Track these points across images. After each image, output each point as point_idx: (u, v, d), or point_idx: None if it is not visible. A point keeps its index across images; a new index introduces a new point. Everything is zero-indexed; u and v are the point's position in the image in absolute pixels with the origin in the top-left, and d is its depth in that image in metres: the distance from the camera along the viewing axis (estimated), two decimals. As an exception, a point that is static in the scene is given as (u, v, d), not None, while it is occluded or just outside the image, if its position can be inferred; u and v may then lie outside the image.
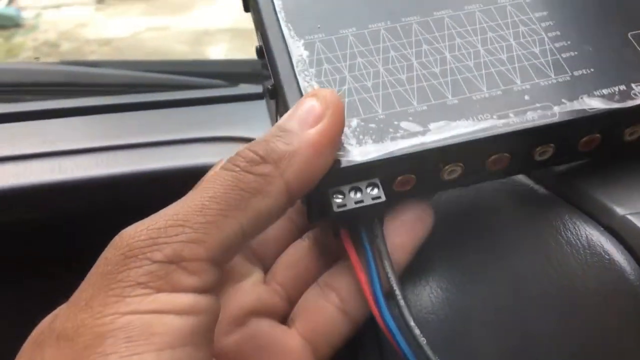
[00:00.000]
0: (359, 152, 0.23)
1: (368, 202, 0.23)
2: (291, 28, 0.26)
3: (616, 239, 0.24)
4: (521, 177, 0.28)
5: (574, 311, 0.24)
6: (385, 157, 0.23)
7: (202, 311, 0.19)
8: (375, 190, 0.23)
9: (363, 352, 0.26)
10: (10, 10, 2.05)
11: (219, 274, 0.20)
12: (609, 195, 0.25)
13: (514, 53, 0.26)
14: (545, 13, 0.27)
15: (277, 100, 0.26)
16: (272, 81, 0.25)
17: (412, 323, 0.23)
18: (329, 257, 0.26)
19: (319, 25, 0.26)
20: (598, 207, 0.25)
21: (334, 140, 0.22)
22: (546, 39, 0.26)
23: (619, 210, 0.24)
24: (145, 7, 2.39)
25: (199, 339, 0.19)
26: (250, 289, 0.26)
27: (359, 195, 0.23)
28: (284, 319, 0.26)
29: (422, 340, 0.23)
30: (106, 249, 0.20)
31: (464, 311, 0.26)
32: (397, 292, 0.24)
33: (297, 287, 0.26)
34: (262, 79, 0.30)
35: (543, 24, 0.26)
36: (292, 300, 0.26)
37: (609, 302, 0.23)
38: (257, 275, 0.26)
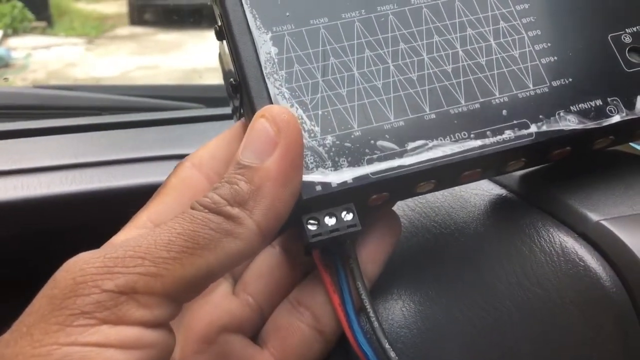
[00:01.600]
0: (335, 177, 0.22)
1: (343, 230, 0.22)
2: (257, 16, 0.24)
3: (591, 245, 0.23)
4: (492, 185, 0.27)
5: (549, 321, 0.23)
6: (362, 183, 0.22)
7: (149, 346, 0.18)
8: (351, 216, 0.22)
9: None
10: (0, 51, 2.07)
11: (174, 310, 0.19)
12: (582, 202, 0.24)
13: (493, 56, 0.25)
14: (526, 6, 0.26)
15: (242, 99, 0.24)
16: (234, 75, 0.24)
17: (387, 345, 0.22)
18: (301, 266, 0.26)
19: (287, 14, 0.24)
20: (572, 214, 0.24)
21: (295, 164, 0.21)
22: (526, 39, 0.25)
23: (593, 216, 0.23)
24: (135, 47, 2.42)
25: None
26: (219, 302, 0.25)
27: (333, 221, 0.22)
28: (255, 332, 0.25)
29: None
30: (58, 270, 0.19)
31: (437, 325, 0.25)
32: (372, 314, 0.23)
33: (269, 298, 0.25)
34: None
35: (524, 20, 0.25)
36: (263, 312, 0.25)
37: (584, 311, 0.22)
38: (225, 286, 0.25)
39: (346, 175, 0.22)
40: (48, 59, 2.19)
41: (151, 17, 2.52)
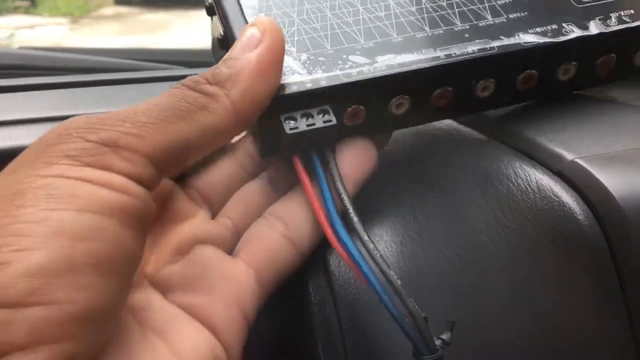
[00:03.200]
0: (309, 79, 0.24)
1: (320, 124, 0.23)
2: None
3: (566, 182, 0.24)
4: (470, 130, 0.28)
5: (525, 255, 0.23)
6: (334, 83, 0.24)
7: (132, 194, 0.19)
8: (327, 116, 0.24)
9: (312, 283, 0.26)
10: (-17, 30, 2.04)
11: (155, 175, 0.20)
12: (558, 142, 0.25)
13: (454, 1, 0.27)
14: None
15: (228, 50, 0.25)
16: (221, 30, 0.25)
17: (366, 237, 0.23)
18: (279, 193, 0.26)
19: None
20: (548, 154, 0.25)
21: (275, 61, 0.22)
22: None
23: (568, 155, 0.24)
24: (121, 27, 2.40)
25: (124, 216, 0.18)
26: (196, 222, 0.25)
27: (310, 120, 0.23)
28: (230, 250, 0.25)
29: (376, 253, 0.22)
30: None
31: (418, 264, 0.25)
32: (351, 210, 0.24)
33: (246, 221, 0.26)
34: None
35: None
36: (239, 232, 0.26)
37: (559, 244, 0.23)
38: (203, 214, 0.25)
39: (320, 76, 0.24)
40: (32, 39, 2.16)
41: (136, -3, 2.50)
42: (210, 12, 0.27)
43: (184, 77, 0.26)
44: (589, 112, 0.27)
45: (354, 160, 0.25)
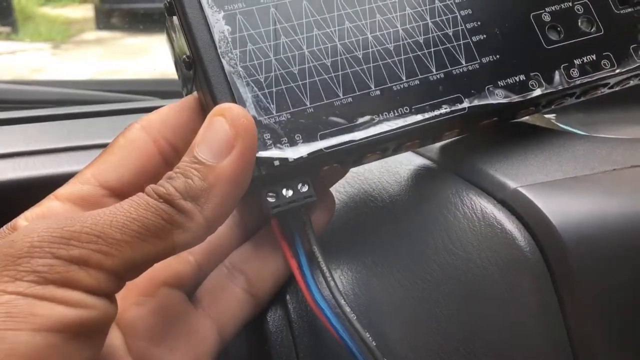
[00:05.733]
0: (291, 153, 0.24)
1: (301, 201, 0.24)
2: None
3: (509, 210, 0.25)
4: (423, 160, 0.29)
5: (472, 281, 0.24)
6: (315, 156, 0.24)
7: (91, 307, 0.19)
8: (306, 187, 0.24)
9: (269, 311, 0.27)
10: (-37, 57, 2.03)
11: (118, 285, 0.20)
12: (502, 171, 0.26)
13: (430, 35, 0.26)
14: None
15: (195, 75, 0.25)
16: (187, 51, 0.25)
17: (342, 302, 0.24)
18: (243, 229, 0.27)
19: None
20: (493, 183, 0.26)
21: (247, 167, 0.22)
22: (459, 18, 0.27)
23: (511, 184, 0.25)
24: (102, 52, 2.40)
25: (80, 332, 0.19)
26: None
27: (290, 192, 0.24)
28: (192, 290, 0.26)
29: (352, 317, 0.24)
30: (16, 232, 0.20)
31: (372, 290, 0.26)
32: (328, 274, 0.25)
33: (208, 257, 0.27)
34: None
35: (457, 0, 0.27)
36: (202, 270, 0.27)
37: (502, 269, 0.24)
38: None
39: (302, 150, 0.24)
40: (13, 65, 2.16)
41: (118, 22, 2.51)
42: (170, 12, 0.25)
43: (156, 109, 0.27)
44: (531, 140, 0.29)
45: (320, 212, 0.27)
